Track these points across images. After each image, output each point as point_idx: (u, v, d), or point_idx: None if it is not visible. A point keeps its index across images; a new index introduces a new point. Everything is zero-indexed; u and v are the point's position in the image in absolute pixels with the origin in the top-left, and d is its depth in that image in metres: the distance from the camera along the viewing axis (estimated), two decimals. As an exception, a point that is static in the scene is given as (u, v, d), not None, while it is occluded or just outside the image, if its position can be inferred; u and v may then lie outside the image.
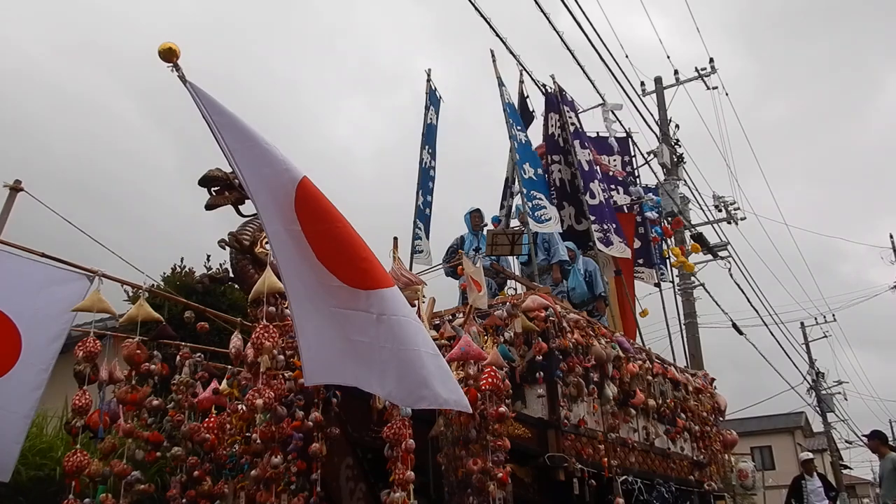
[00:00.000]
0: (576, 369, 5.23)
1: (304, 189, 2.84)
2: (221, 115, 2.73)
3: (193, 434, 4.12)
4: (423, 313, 4.42)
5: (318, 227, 2.86)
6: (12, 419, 3.76)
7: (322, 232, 2.87)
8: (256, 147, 2.81)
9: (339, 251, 2.88)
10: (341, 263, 2.88)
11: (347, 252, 2.87)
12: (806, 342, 26.31)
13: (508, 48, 8.34)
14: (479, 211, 7.63)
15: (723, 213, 15.22)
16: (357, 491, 4.18)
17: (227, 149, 2.75)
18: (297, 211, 2.84)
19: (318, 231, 2.87)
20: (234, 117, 2.77)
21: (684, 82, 15.64)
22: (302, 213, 2.85)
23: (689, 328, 12.77)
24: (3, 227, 4.10)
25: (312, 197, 2.85)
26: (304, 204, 2.84)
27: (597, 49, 9.59)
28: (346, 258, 2.88)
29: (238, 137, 2.78)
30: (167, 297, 5.46)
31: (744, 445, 15.29)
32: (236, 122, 2.77)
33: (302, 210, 2.84)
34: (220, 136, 2.73)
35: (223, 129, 2.73)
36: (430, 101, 8.23)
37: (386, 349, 2.86)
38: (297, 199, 2.83)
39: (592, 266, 7.53)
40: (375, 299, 2.87)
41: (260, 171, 2.83)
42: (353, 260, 2.88)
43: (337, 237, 2.87)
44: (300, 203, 2.84)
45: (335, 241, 2.88)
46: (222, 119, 2.73)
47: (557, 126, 8.29)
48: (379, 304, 2.87)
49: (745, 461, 11.21)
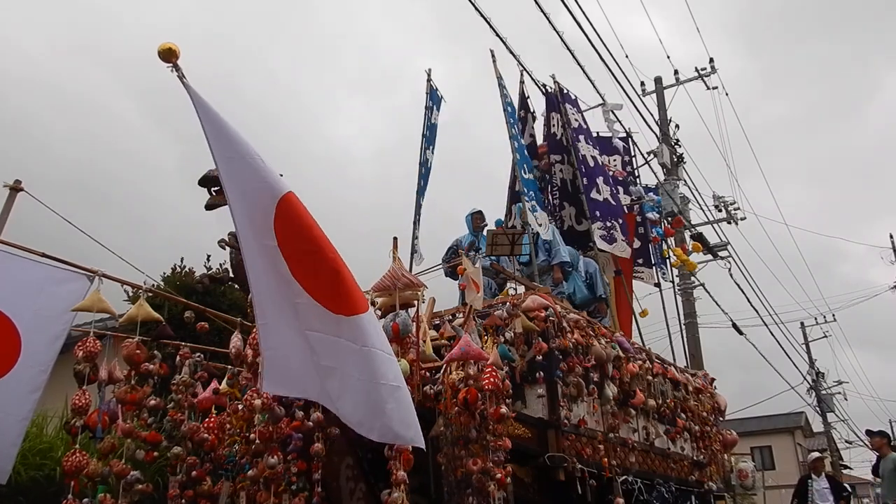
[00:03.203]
0: (576, 369, 5.22)
1: (287, 204, 2.80)
2: (212, 123, 2.74)
3: (193, 434, 4.12)
4: (422, 313, 4.42)
5: (298, 246, 2.82)
6: (10, 421, 3.75)
7: (301, 250, 2.83)
8: (242, 159, 2.79)
9: (317, 272, 2.83)
10: (318, 285, 2.84)
11: (325, 274, 2.82)
12: (806, 342, 26.32)
13: (508, 48, 8.34)
14: (481, 213, 7.63)
15: (723, 213, 15.23)
16: (357, 491, 4.19)
17: (214, 157, 2.76)
18: (276, 226, 2.80)
19: (297, 249, 2.83)
20: (226, 126, 2.77)
21: (684, 82, 15.65)
22: (281, 229, 2.81)
23: (689, 328, 12.77)
24: (3, 227, 4.10)
25: (295, 214, 2.81)
26: (285, 220, 2.80)
27: (597, 49, 9.61)
28: (324, 280, 2.83)
29: (226, 146, 2.77)
30: (167, 297, 5.46)
31: (744, 445, 15.30)
32: (227, 131, 2.77)
33: (281, 226, 2.81)
34: (209, 143, 2.74)
35: (212, 137, 2.74)
36: (431, 101, 8.21)
37: (352, 377, 2.83)
38: (277, 214, 2.79)
39: (593, 267, 7.52)
40: (347, 326, 2.82)
41: (243, 182, 2.81)
42: (330, 282, 2.83)
43: (316, 257, 2.82)
44: (280, 219, 2.80)
45: (314, 261, 2.83)
46: (213, 127, 2.74)
47: (559, 125, 8.30)
48: (350, 332, 2.82)
49: (745, 461, 11.22)
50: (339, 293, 2.84)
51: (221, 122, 2.77)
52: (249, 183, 2.81)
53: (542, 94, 8.60)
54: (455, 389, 3.89)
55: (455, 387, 3.90)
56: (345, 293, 2.84)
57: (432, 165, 8.14)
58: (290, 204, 2.81)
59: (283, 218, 2.80)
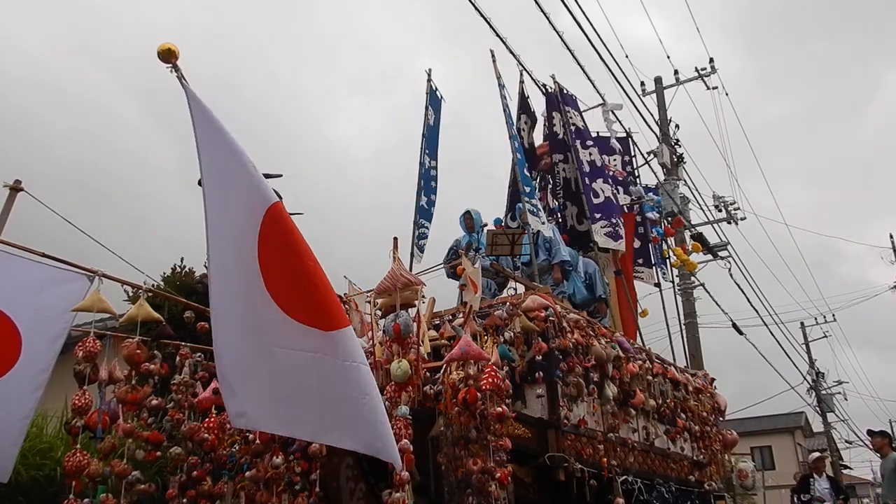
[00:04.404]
0: (576, 369, 5.22)
1: (275, 215, 2.77)
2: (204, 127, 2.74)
3: (193, 434, 4.12)
4: (422, 314, 4.42)
5: (280, 258, 2.78)
6: (11, 420, 3.76)
7: (283, 264, 2.78)
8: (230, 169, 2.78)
9: (297, 286, 2.78)
10: (297, 299, 2.79)
11: (308, 288, 2.77)
12: (806, 342, 26.32)
13: (508, 48, 8.33)
14: (469, 213, 7.63)
15: (723, 213, 15.23)
16: (357, 491, 4.19)
17: (200, 162, 2.76)
18: (260, 237, 2.77)
19: (279, 262, 2.79)
20: (221, 131, 2.77)
21: (684, 82, 15.65)
22: (265, 240, 2.78)
23: (689, 328, 12.77)
24: (3, 227, 4.10)
25: (281, 225, 2.78)
26: (270, 231, 2.77)
27: (597, 49, 9.60)
28: (305, 294, 2.78)
29: (216, 152, 2.77)
30: (167, 297, 5.46)
31: (744, 445, 15.26)
32: (221, 137, 2.77)
33: (266, 237, 2.77)
34: (198, 147, 2.74)
35: (202, 142, 2.74)
36: (430, 102, 8.21)
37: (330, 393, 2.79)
38: (264, 224, 2.77)
39: (592, 268, 7.52)
40: (325, 341, 2.77)
41: (227, 192, 2.79)
42: (311, 297, 2.78)
43: (298, 271, 2.77)
44: (266, 229, 2.77)
45: (294, 274, 2.78)
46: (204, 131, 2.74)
47: (560, 125, 8.29)
48: (330, 348, 2.77)
49: (745, 461, 11.18)
50: (321, 308, 2.78)
51: (216, 127, 2.76)
52: (235, 193, 2.79)
53: (542, 94, 8.60)
54: (455, 389, 3.89)
55: (455, 387, 3.89)
56: (326, 308, 2.79)
57: (435, 166, 8.14)
58: (278, 215, 2.78)
59: (268, 228, 2.77)
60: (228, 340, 2.87)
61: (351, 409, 2.76)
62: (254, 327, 2.84)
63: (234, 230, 2.82)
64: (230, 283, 2.86)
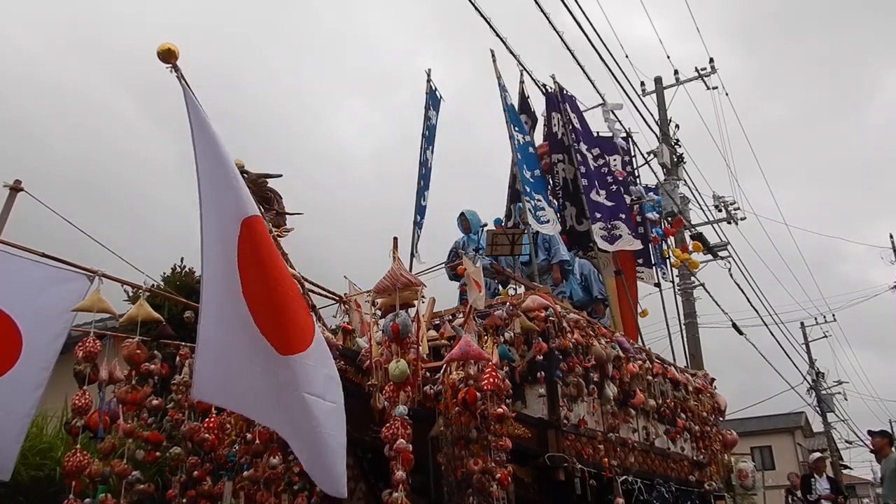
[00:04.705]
0: (576, 369, 5.22)
1: (251, 227, 2.82)
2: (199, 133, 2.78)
3: (193, 434, 4.12)
4: (422, 314, 4.42)
5: (253, 271, 2.84)
6: (12, 419, 3.77)
7: (254, 276, 2.84)
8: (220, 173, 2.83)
9: (262, 302, 2.84)
10: (263, 314, 2.85)
11: (268, 306, 2.83)
12: (806, 342, 26.31)
13: (508, 48, 8.33)
14: (464, 214, 7.64)
15: (723, 213, 15.21)
16: (357, 491, 4.18)
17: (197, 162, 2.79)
18: (239, 249, 2.83)
19: (251, 274, 2.84)
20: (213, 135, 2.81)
21: (684, 82, 15.63)
22: (241, 251, 2.84)
23: (689, 328, 12.76)
24: (3, 227, 4.10)
25: (256, 239, 2.83)
26: (246, 243, 2.83)
27: (597, 49, 9.59)
28: (270, 311, 2.84)
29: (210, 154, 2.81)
30: (167, 297, 5.46)
31: (744, 445, 15.25)
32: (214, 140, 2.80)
33: (241, 249, 2.83)
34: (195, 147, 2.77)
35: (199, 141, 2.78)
36: (430, 102, 8.21)
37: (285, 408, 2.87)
38: (241, 236, 2.82)
39: (588, 269, 7.51)
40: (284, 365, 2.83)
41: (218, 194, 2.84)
42: (275, 316, 2.84)
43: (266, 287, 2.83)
44: (242, 241, 2.83)
45: (261, 289, 2.84)
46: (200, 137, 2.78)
47: (560, 125, 8.29)
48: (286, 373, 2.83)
49: (745, 461, 11.17)
50: (281, 328, 2.85)
51: (210, 130, 2.80)
52: (223, 197, 2.84)
53: (542, 94, 8.59)
54: (455, 389, 3.89)
55: (455, 387, 3.89)
56: (287, 329, 2.85)
57: (432, 166, 8.14)
58: (254, 228, 2.83)
59: (244, 241, 2.82)
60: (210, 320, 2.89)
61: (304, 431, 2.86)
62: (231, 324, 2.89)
63: (222, 234, 2.87)
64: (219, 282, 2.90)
